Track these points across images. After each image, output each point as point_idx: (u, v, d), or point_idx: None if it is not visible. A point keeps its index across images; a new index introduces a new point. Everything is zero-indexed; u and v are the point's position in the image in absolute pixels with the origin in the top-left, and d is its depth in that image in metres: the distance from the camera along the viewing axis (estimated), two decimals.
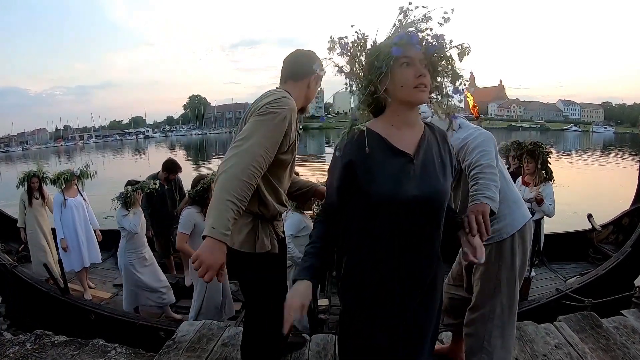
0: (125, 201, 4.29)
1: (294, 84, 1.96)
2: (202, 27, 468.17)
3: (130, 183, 4.49)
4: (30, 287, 4.31)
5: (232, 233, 1.81)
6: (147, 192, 4.53)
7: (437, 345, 2.63)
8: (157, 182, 4.97)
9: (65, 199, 4.93)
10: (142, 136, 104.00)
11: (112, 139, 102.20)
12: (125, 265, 4.32)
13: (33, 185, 5.35)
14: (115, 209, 4.35)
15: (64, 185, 4.96)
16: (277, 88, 1.98)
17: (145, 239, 4.51)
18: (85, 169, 5.16)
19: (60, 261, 4.48)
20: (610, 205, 7.53)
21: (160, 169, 5.47)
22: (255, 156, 1.64)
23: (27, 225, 5.40)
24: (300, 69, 1.96)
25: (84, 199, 5.16)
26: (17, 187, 5.43)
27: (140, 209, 4.45)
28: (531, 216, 2.13)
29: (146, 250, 4.49)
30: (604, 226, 5.11)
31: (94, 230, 5.26)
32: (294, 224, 3.76)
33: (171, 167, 5.42)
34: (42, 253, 5.28)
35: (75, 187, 5.12)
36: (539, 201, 4.06)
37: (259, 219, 1.90)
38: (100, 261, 5.30)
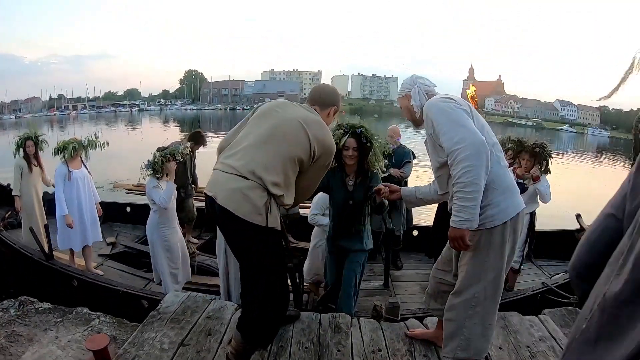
0: (154, 169, 3.97)
1: (320, 110, 2.33)
2: (203, 2, 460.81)
3: (160, 149, 4.21)
4: (15, 251, 4.26)
5: (245, 204, 1.98)
6: (179, 160, 4.24)
7: (422, 330, 2.65)
8: (188, 145, 4.85)
9: (69, 171, 4.54)
10: (136, 109, 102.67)
11: (106, 110, 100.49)
12: (160, 240, 4.05)
13: (28, 150, 5.07)
14: (144, 178, 4.05)
15: (72, 156, 4.58)
16: (310, 105, 2.35)
17: (175, 212, 4.26)
18: (93, 138, 4.77)
19: (46, 225, 4.37)
20: (600, 207, 7.59)
21: (167, 141, 5.31)
22: None
23: (23, 193, 5.10)
24: (326, 100, 2.38)
25: (88, 172, 4.81)
26: (15, 154, 5.14)
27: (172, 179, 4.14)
28: (524, 206, 2.09)
29: (177, 223, 4.28)
30: None
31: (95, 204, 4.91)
32: (321, 202, 3.87)
33: (199, 138, 5.41)
34: (36, 223, 4.97)
35: (79, 158, 4.73)
36: (535, 178, 4.07)
37: (272, 197, 2.03)
38: (101, 239, 5.03)
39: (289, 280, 3.22)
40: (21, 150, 5.08)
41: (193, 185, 5.63)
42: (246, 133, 2.18)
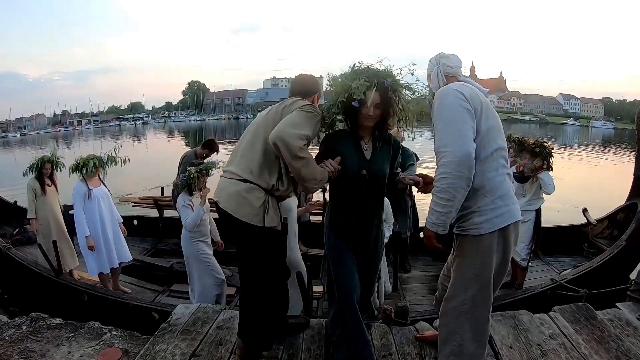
0: (189, 184, 3.86)
1: (304, 99, 2.33)
2: (203, 11, 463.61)
3: (193, 164, 4.15)
4: (24, 268, 4.29)
5: (243, 206, 2.10)
6: (211, 175, 4.09)
7: (432, 332, 2.64)
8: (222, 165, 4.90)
9: (89, 189, 4.34)
10: (140, 122, 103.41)
11: (111, 124, 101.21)
12: (195, 255, 3.96)
13: (45, 171, 4.86)
14: (177, 193, 3.93)
15: (93, 173, 4.40)
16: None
17: (209, 226, 4.16)
18: (113, 154, 4.64)
19: (54, 241, 4.37)
20: (607, 200, 7.55)
21: (184, 148, 5.44)
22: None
23: (39, 216, 4.86)
24: (307, 89, 2.41)
25: (108, 190, 4.65)
26: (25, 173, 4.90)
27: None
28: (520, 218, 2.01)
29: (209, 237, 4.16)
30: (599, 221, 5.09)
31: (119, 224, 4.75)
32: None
33: (213, 145, 5.64)
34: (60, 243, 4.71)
35: (98, 176, 4.55)
36: (538, 168, 4.07)
37: (270, 195, 2.15)
38: (131, 259, 4.87)
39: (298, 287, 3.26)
40: (35, 170, 4.86)
41: None
42: (239, 143, 2.35)
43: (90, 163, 4.35)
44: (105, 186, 4.64)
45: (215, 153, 5.66)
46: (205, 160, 4.84)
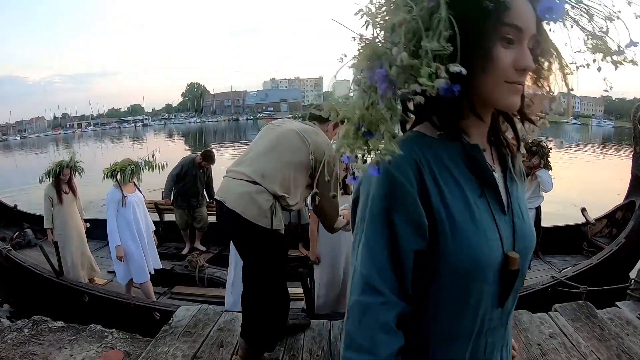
0: None
1: (320, 125, 2.47)
2: (202, 13, 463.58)
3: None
4: (25, 270, 4.30)
5: (252, 207, 2.15)
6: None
7: None
8: None
9: (124, 196, 4.14)
10: (140, 124, 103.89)
11: (111, 127, 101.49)
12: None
13: (63, 177, 4.54)
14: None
15: (130, 180, 4.23)
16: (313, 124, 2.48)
17: None
18: (150, 159, 4.49)
19: (56, 243, 4.29)
20: (606, 199, 7.55)
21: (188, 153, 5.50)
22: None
23: (56, 225, 4.60)
24: (323, 117, 2.44)
25: (143, 195, 4.48)
26: (41, 180, 4.61)
27: None
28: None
29: None
30: (597, 220, 5.10)
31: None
32: None
33: (209, 156, 5.84)
34: (78, 254, 4.62)
35: (133, 181, 4.36)
36: (536, 166, 4.09)
37: (277, 200, 2.20)
38: (161, 267, 4.76)
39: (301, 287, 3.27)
40: (52, 177, 4.54)
41: (205, 195, 5.96)
42: (253, 145, 2.41)
43: (128, 170, 4.17)
44: (140, 191, 4.48)
45: (209, 163, 5.81)
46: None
